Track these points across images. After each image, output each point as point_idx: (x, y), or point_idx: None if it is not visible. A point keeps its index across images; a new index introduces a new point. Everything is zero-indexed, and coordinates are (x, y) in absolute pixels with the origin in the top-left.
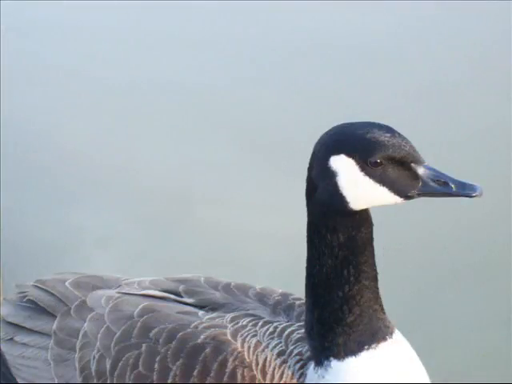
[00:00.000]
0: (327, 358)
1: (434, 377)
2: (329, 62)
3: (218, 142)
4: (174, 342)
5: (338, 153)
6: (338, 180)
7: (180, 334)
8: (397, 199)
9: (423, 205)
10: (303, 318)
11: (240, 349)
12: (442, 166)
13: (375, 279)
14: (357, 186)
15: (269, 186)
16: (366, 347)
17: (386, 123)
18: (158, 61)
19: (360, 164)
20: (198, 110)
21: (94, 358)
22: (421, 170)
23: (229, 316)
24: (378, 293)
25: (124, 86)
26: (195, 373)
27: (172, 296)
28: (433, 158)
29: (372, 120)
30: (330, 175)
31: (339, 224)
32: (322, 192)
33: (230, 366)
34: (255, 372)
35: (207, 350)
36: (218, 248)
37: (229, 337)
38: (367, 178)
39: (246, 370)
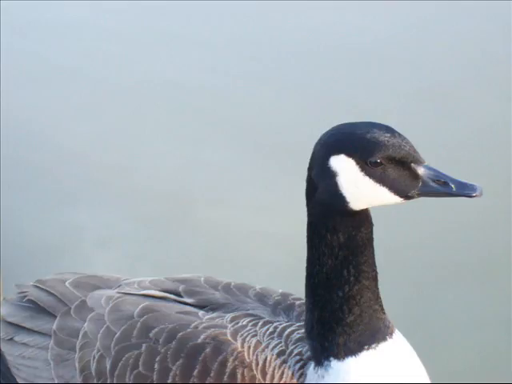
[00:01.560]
0: (327, 358)
1: (434, 377)
2: (329, 62)
3: (219, 142)
4: (173, 342)
5: (338, 153)
6: (338, 180)
7: (180, 334)
8: (397, 199)
9: (423, 205)
10: (303, 318)
11: (240, 349)
12: (442, 166)
13: (375, 279)
14: (357, 186)
15: (269, 186)
16: (366, 347)
17: (386, 123)
18: (158, 61)
19: (360, 164)
20: (199, 109)
21: (94, 358)
22: (421, 170)
23: (229, 316)
24: (378, 293)
25: (124, 85)
26: (195, 373)
27: (172, 296)
28: (433, 158)
29: (372, 120)
30: (330, 175)
31: (339, 224)
32: (322, 192)
33: (229, 365)
34: (255, 372)
35: (207, 350)
36: (218, 248)
37: (229, 337)
38: (367, 178)
39: (245, 370)
